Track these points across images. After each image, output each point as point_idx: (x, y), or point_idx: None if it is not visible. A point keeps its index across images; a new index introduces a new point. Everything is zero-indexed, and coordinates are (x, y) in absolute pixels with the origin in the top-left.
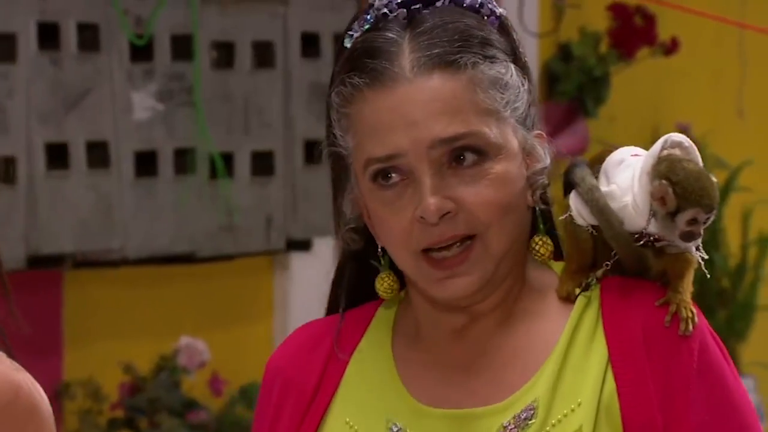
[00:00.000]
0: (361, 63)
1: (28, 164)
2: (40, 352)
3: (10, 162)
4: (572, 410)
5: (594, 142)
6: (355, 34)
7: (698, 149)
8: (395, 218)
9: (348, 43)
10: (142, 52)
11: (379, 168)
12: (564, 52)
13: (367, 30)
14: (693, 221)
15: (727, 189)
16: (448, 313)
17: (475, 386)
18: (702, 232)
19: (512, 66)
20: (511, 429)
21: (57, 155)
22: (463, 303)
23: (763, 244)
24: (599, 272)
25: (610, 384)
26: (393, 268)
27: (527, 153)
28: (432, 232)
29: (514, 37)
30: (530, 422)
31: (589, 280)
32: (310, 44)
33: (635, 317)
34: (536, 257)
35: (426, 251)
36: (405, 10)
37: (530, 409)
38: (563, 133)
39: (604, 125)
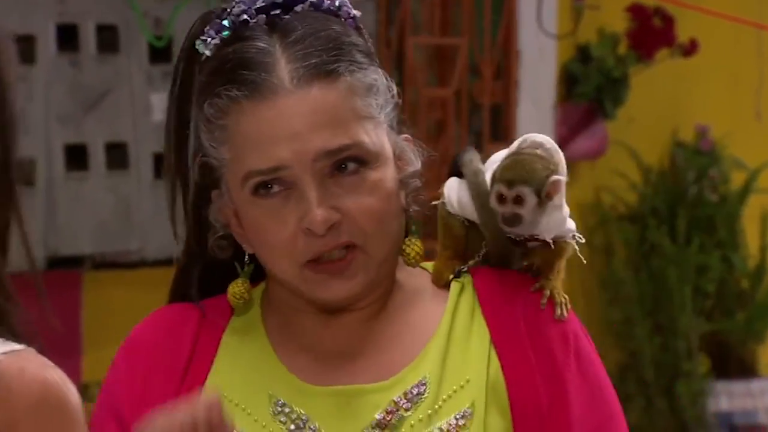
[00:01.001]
0: (238, 75)
1: (47, 166)
2: (59, 354)
3: (29, 164)
4: (461, 387)
5: (612, 144)
6: (211, 40)
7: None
8: (278, 228)
9: (205, 49)
10: (161, 53)
11: (260, 181)
12: (582, 54)
13: (228, 37)
14: (500, 198)
15: (746, 190)
16: (314, 312)
17: (354, 368)
18: (521, 214)
19: (380, 70)
20: (403, 404)
21: (76, 157)
22: (343, 304)
23: None
24: (472, 262)
25: (495, 363)
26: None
27: (398, 157)
28: (317, 243)
29: (367, 38)
30: (423, 397)
31: (462, 268)
32: None
33: (514, 302)
34: (406, 259)
35: (309, 262)
36: (264, 16)
37: (422, 385)
38: (581, 135)
39: (622, 127)
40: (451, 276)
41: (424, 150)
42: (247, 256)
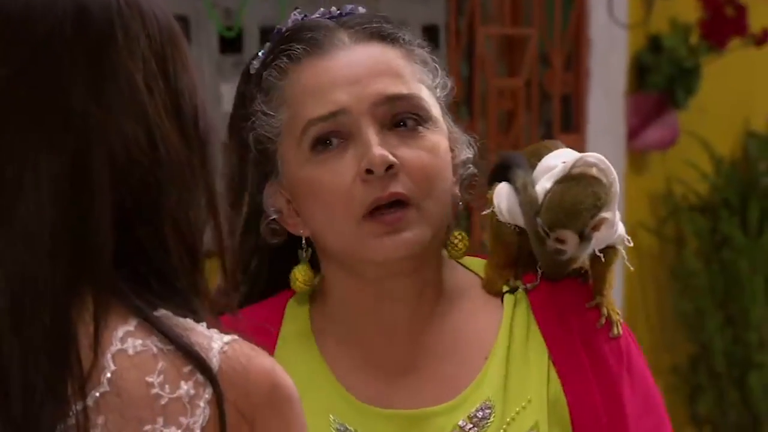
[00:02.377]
0: (298, 35)
1: None
2: None
3: None
4: (523, 407)
5: (684, 134)
6: (265, 57)
7: None
8: (335, 179)
9: (256, 66)
10: (231, 44)
11: (320, 132)
12: (654, 44)
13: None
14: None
15: None
16: (377, 302)
17: (417, 385)
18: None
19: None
20: (469, 428)
21: None
22: (396, 266)
23: None
24: (530, 285)
25: (555, 381)
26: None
27: (452, 140)
28: (376, 187)
29: None
30: (488, 422)
31: (521, 287)
32: None
33: (569, 317)
34: (453, 251)
35: (367, 215)
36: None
37: (487, 408)
38: (652, 125)
39: (694, 117)
40: (506, 289)
41: (476, 140)
42: (303, 240)
